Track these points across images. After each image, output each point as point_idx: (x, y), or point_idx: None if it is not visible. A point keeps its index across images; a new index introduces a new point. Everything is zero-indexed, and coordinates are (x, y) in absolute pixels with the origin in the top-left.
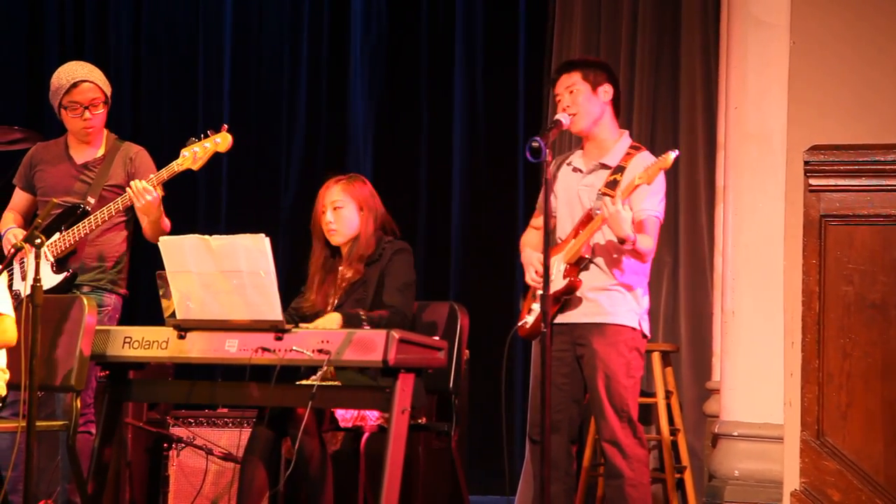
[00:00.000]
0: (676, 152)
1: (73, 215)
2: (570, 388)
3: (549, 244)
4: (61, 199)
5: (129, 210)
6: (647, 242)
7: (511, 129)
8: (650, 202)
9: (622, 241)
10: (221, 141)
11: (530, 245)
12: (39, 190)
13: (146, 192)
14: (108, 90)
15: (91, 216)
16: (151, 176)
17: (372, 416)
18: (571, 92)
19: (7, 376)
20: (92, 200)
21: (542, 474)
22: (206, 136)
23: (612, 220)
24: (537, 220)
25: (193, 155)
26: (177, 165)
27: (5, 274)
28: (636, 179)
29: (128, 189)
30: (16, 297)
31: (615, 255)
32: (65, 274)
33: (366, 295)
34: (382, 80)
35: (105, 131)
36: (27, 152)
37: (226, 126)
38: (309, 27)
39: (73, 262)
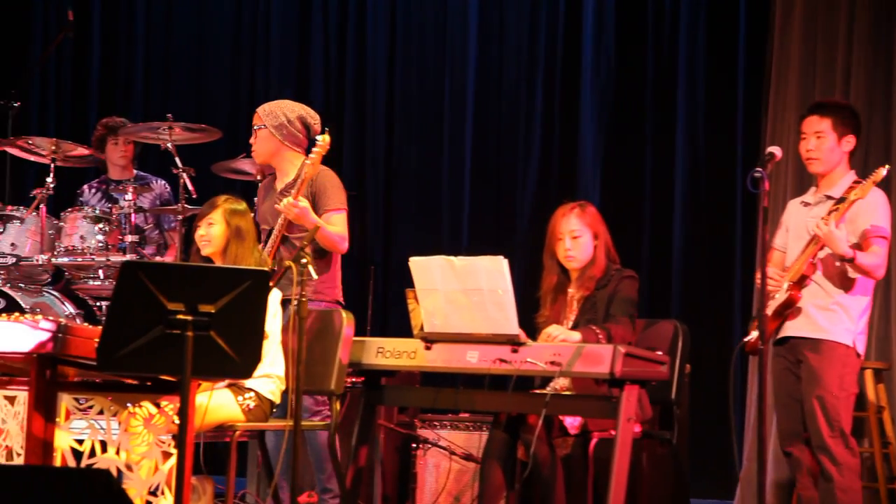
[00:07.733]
0: (887, 167)
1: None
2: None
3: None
4: (269, 227)
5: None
6: (870, 259)
7: (730, 161)
8: (874, 221)
9: (843, 259)
10: (322, 143)
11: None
12: (259, 220)
13: (292, 206)
14: None
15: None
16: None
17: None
18: (819, 137)
19: (283, 387)
20: None
21: (759, 479)
22: (313, 145)
23: (827, 240)
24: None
25: (313, 163)
26: (304, 174)
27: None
28: (851, 195)
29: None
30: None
31: (837, 274)
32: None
33: (595, 316)
34: (610, 116)
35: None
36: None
37: (327, 129)
38: (544, 69)
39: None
